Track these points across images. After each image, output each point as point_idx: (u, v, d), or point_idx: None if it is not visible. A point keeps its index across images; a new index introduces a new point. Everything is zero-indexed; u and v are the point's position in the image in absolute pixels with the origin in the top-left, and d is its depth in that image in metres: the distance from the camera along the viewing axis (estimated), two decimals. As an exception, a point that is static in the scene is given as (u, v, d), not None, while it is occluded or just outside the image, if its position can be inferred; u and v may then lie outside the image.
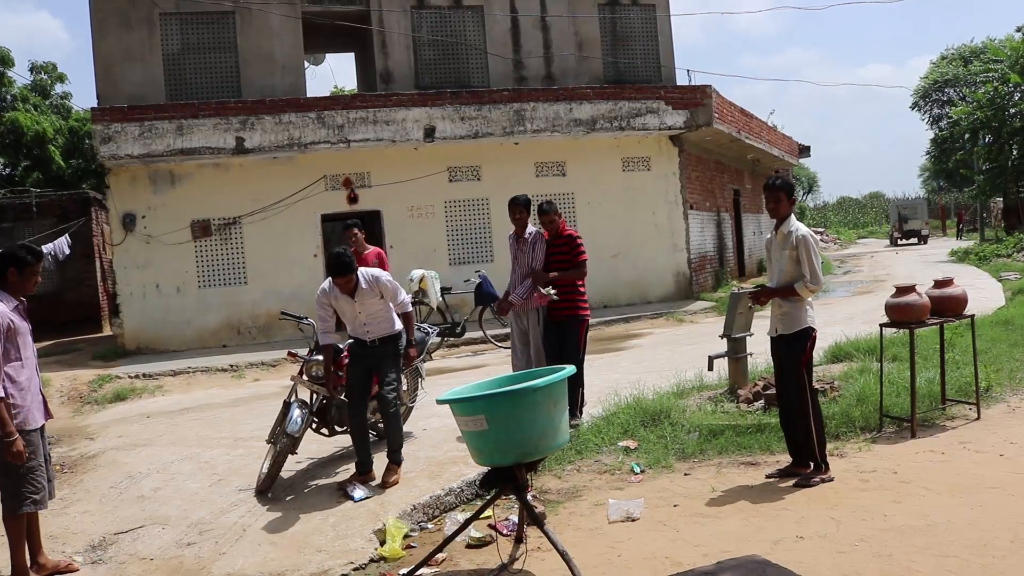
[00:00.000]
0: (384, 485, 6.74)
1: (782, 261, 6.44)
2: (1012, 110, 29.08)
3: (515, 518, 5.72)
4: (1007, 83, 28.98)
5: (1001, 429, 7.27)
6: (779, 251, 6.46)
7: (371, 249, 11.00)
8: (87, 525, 6.53)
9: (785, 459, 6.74)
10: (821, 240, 45.67)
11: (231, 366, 13.95)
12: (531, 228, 8.35)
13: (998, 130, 29.81)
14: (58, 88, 30.93)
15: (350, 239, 10.86)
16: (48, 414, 5.73)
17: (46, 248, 17.47)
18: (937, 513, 5.47)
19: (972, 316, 7.84)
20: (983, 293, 15.83)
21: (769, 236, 6.66)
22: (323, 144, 16.45)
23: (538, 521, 5.11)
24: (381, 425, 8.08)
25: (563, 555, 4.83)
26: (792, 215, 6.50)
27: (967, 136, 32.93)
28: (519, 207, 8.29)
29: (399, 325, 7.12)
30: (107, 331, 20.72)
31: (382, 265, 10.98)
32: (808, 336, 6.36)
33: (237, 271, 16.77)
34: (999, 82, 29.48)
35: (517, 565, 5.26)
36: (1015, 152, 30.70)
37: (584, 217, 18.60)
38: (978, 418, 7.64)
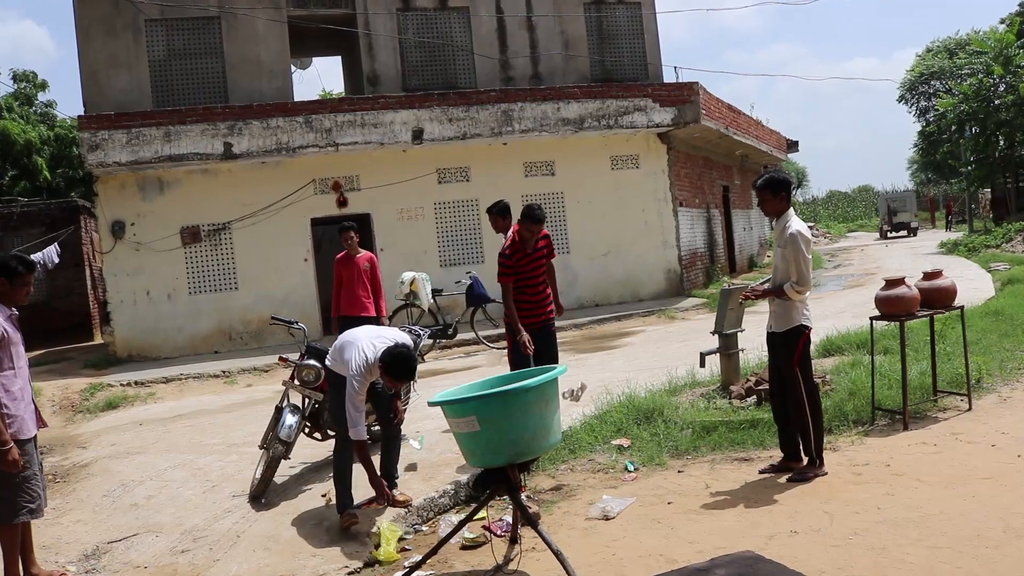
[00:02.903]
0: (396, 504, 6.38)
1: (776, 257, 6.44)
2: (997, 102, 29.21)
3: (509, 518, 5.72)
4: (991, 75, 29.11)
5: (992, 420, 7.30)
6: (776, 247, 6.46)
7: (363, 253, 10.95)
8: (80, 534, 6.50)
9: (779, 454, 6.77)
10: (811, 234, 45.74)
11: (223, 372, 13.92)
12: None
13: (984, 122, 29.94)
14: (41, 97, 30.85)
15: (346, 240, 10.79)
16: (41, 423, 5.72)
17: (35, 257, 17.42)
18: (930, 505, 5.49)
19: (962, 307, 7.86)
20: (972, 284, 15.88)
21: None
22: (311, 148, 16.43)
23: (532, 521, 5.11)
24: (375, 428, 8.10)
25: (557, 555, 4.83)
26: (790, 210, 6.45)
27: (954, 128, 33.03)
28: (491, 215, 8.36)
29: None
30: (98, 339, 20.67)
31: (373, 269, 10.94)
32: (800, 334, 6.36)
33: (228, 277, 16.73)
34: (984, 74, 29.61)
35: (512, 566, 5.26)
36: (1002, 143, 30.85)
37: (574, 216, 18.63)
38: (969, 409, 7.67)
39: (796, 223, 6.35)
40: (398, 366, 5.67)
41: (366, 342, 6.04)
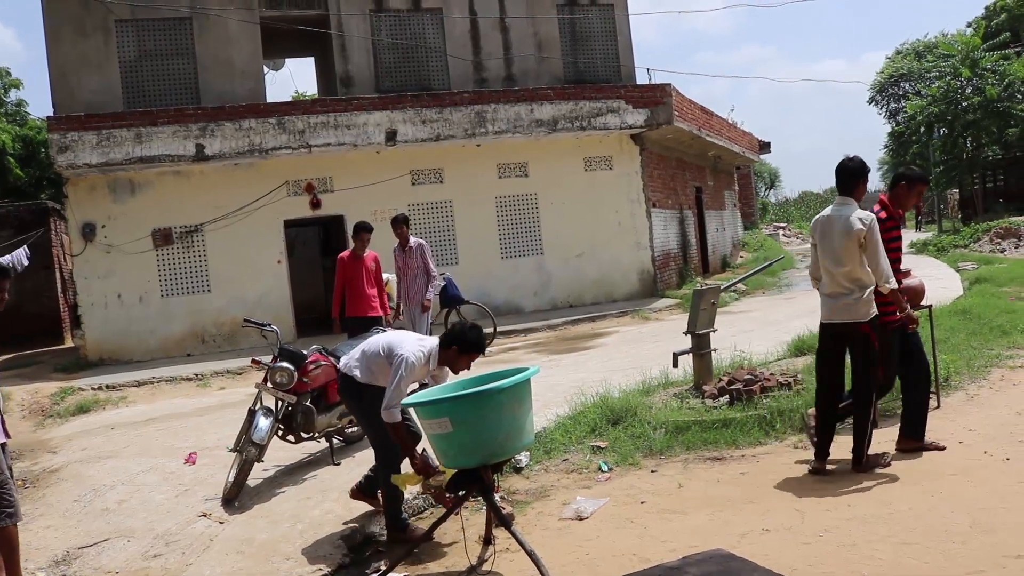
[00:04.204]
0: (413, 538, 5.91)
1: None
2: (964, 104, 29.58)
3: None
4: (959, 77, 29.49)
5: (960, 417, 7.40)
6: None
7: (370, 253, 10.85)
8: (50, 540, 6.45)
9: (750, 453, 6.85)
10: (782, 235, 46.00)
11: (196, 375, 13.82)
12: (414, 240, 11.18)
13: (952, 123, 30.31)
14: (12, 95, 30.42)
15: (364, 240, 10.58)
16: (6, 434, 5.62)
17: (3, 260, 17.18)
18: (899, 501, 5.57)
19: (930, 306, 7.95)
20: (941, 283, 16.07)
21: None
22: (284, 150, 16.35)
23: (506, 522, 5.13)
24: (349, 430, 8.09)
25: (531, 555, 4.84)
26: (857, 198, 6.37)
27: (923, 130, 33.41)
28: (400, 224, 11.14)
29: None
30: (69, 343, 20.43)
31: (379, 270, 10.87)
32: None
33: (200, 279, 16.62)
34: (951, 77, 29.99)
35: (486, 567, 5.28)
36: (969, 144, 31.27)
37: (547, 217, 18.66)
38: (938, 407, 7.74)
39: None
40: (472, 338, 5.66)
41: (411, 340, 5.88)
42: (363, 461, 7.64)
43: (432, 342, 5.78)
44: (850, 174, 6.29)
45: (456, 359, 5.68)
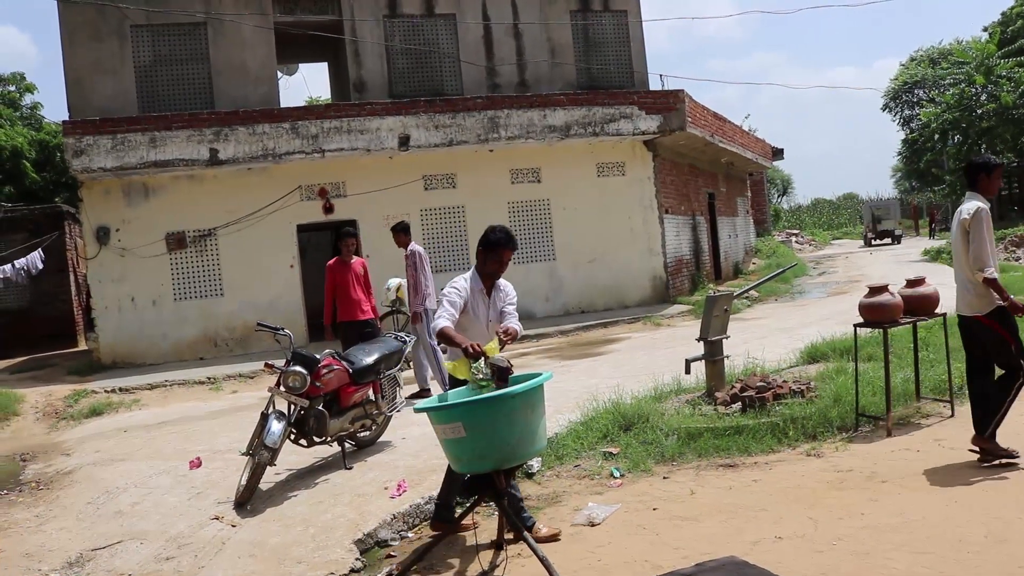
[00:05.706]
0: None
1: None
2: (979, 111, 29.48)
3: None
4: (973, 85, 29.38)
5: (974, 426, 7.34)
6: None
7: (357, 259, 10.92)
8: (64, 542, 6.47)
9: (763, 460, 6.82)
10: (795, 241, 45.84)
11: (208, 378, 13.87)
12: (413, 246, 10.68)
13: (967, 131, 30.23)
14: (27, 99, 30.74)
15: (348, 247, 10.65)
16: None
17: (18, 263, 17.33)
18: (913, 510, 5.53)
19: (944, 314, 7.92)
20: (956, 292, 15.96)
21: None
22: (297, 154, 16.41)
23: (518, 528, 5.12)
24: (361, 434, 8.11)
25: (543, 561, 4.83)
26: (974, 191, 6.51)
27: (937, 137, 33.31)
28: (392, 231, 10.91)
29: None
30: (82, 346, 20.55)
31: (367, 274, 10.94)
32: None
33: (213, 283, 16.68)
34: (966, 84, 29.89)
35: (498, 572, 5.27)
36: (984, 152, 31.12)
37: (560, 223, 18.66)
38: (952, 415, 7.72)
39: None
40: (489, 235, 5.82)
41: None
42: (375, 465, 7.66)
43: (471, 271, 5.99)
44: (971, 169, 6.60)
45: (482, 262, 5.87)
